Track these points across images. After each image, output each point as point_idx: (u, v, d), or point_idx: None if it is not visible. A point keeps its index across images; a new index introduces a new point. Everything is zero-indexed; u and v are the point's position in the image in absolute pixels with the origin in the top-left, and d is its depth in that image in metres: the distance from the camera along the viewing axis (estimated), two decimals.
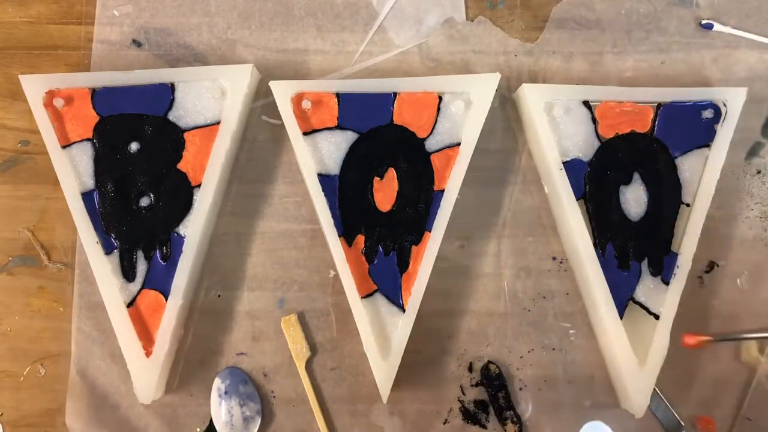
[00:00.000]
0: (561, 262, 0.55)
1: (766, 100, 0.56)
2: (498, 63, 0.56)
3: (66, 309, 0.55)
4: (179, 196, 0.52)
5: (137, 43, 0.56)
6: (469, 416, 0.54)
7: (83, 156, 0.52)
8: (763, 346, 0.54)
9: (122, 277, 0.51)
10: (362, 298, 0.51)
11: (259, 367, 0.54)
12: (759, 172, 0.55)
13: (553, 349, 0.54)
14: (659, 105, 0.52)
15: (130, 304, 0.51)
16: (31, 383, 0.54)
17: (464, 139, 0.52)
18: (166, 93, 0.52)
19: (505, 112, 0.56)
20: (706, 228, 0.51)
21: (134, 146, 0.52)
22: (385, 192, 0.52)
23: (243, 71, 0.52)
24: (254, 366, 0.54)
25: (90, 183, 0.52)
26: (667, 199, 0.52)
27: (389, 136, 0.52)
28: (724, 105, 0.51)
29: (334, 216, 0.51)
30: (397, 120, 0.52)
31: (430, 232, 0.51)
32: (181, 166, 0.52)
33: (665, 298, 0.50)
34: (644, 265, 0.51)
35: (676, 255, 0.51)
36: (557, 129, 0.52)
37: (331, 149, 0.52)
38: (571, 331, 0.54)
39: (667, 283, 0.51)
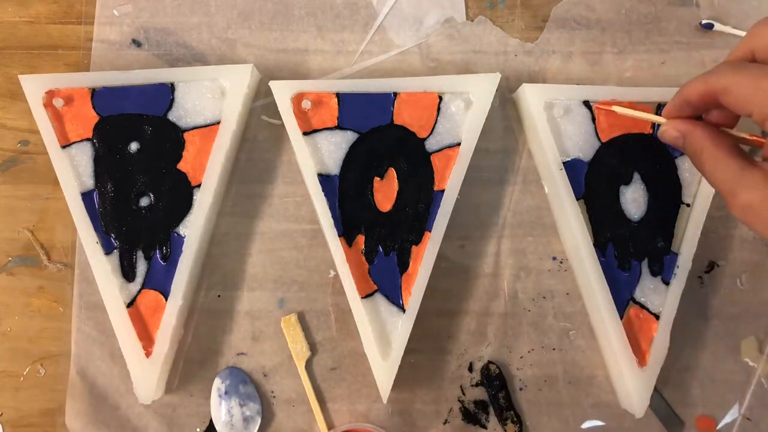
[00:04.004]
0: (561, 262, 0.55)
1: None
2: (498, 63, 0.56)
3: (66, 309, 0.55)
4: (179, 196, 0.52)
5: (137, 43, 0.56)
6: (469, 416, 0.54)
7: (83, 156, 0.52)
8: (763, 346, 0.54)
9: (122, 277, 0.51)
10: (362, 298, 0.51)
11: (259, 367, 0.54)
12: None
13: (553, 349, 0.54)
14: (659, 105, 0.52)
15: (130, 304, 0.51)
16: (31, 383, 0.54)
17: (464, 139, 0.52)
18: (165, 93, 0.52)
19: (505, 112, 0.56)
20: (706, 228, 0.51)
21: (134, 146, 0.52)
22: (385, 192, 0.52)
23: (243, 71, 0.52)
24: (254, 366, 0.54)
25: (90, 183, 0.52)
26: (667, 199, 0.52)
27: (389, 136, 0.52)
28: None
29: (334, 216, 0.51)
30: (397, 120, 0.52)
31: (430, 232, 0.51)
32: (181, 166, 0.52)
33: (665, 298, 0.51)
34: (644, 265, 0.51)
35: (676, 255, 0.51)
36: (557, 129, 0.52)
37: (331, 149, 0.52)
38: (571, 332, 0.54)
39: (667, 283, 0.51)
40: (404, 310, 0.51)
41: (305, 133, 0.52)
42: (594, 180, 0.52)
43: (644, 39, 0.56)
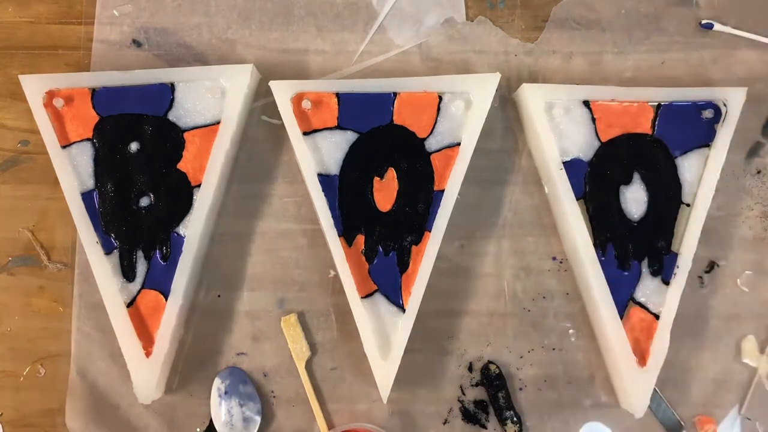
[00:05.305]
0: (561, 262, 0.55)
1: (766, 100, 0.56)
2: (498, 63, 0.56)
3: (66, 309, 0.55)
4: (179, 196, 0.52)
5: (137, 43, 0.56)
6: (469, 416, 0.54)
7: (83, 156, 0.52)
8: (763, 346, 0.54)
9: (122, 277, 0.51)
10: (362, 298, 0.51)
11: (259, 367, 0.54)
12: (759, 172, 0.55)
13: (553, 349, 0.54)
14: (659, 105, 0.52)
15: (130, 304, 0.51)
16: (31, 383, 0.54)
17: (464, 139, 0.52)
18: (166, 93, 0.52)
19: (505, 112, 0.56)
20: (706, 228, 0.51)
21: (134, 146, 0.52)
22: (385, 192, 0.52)
23: (243, 71, 0.52)
24: (254, 366, 0.54)
25: (90, 183, 0.52)
26: (667, 199, 0.52)
27: (389, 136, 0.52)
28: (724, 105, 0.51)
29: (334, 216, 0.51)
30: (397, 120, 0.52)
31: (430, 232, 0.51)
32: (181, 166, 0.52)
33: (665, 298, 0.50)
34: (644, 265, 0.51)
35: (676, 255, 0.51)
36: (557, 129, 0.52)
37: (331, 149, 0.52)
38: (571, 331, 0.54)
39: (667, 283, 0.51)
40: (404, 310, 0.51)
41: (305, 133, 0.52)
42: (594, 180, 0.52)
43: (644, 39, 0.56)
